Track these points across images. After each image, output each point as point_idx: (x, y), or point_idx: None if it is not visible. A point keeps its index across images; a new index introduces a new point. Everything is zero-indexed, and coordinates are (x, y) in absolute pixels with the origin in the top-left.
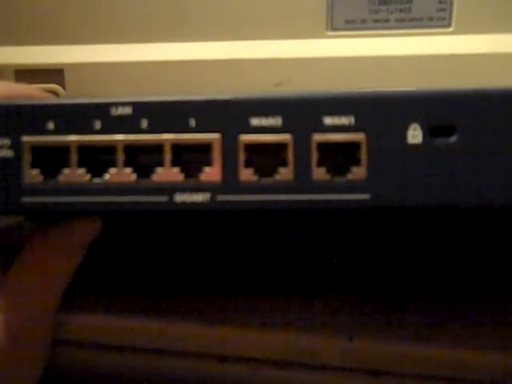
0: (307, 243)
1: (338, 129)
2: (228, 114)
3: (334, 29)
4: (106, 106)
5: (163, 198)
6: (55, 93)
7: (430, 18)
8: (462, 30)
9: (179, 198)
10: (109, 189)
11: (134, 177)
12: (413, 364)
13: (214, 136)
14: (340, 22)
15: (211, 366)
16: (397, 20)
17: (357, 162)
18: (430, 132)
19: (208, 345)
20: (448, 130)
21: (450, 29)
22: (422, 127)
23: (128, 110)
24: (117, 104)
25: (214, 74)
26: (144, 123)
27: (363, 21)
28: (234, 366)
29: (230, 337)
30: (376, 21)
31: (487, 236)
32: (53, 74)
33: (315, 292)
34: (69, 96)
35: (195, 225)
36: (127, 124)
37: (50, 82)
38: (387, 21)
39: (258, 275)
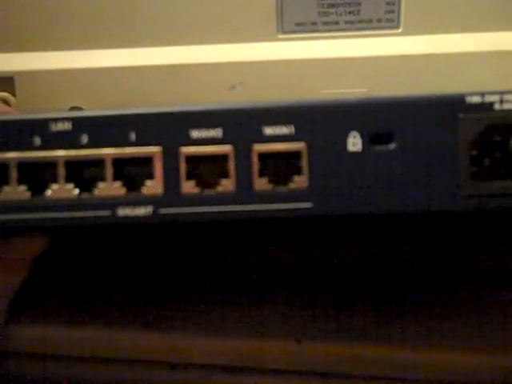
0: (254, 247)
1: (278, 138)
2: (168, 127)
3: (284, 32)
4: (46, 121)
5: (106, 213)
6: (6, 101)
7: (379, 20)
8: (410, 31)
9: (121, 212)
10: (50, 205)
11: (75, 192)
12: (362, 365)
13: (154, 149)
14: (290, 24)
15: (161, 373)
16: (346, 22)
17: (298, 171)
18: (369, 139)
19: (157, 352)
20: (387, 137)
21: (399, 30)
22: (362, 135)
23: (68, 126)
24: (56, 119)
25: (166, 80)
26: (84, 138)
27: (313, 23)
28: (183, 373)
29: (179, 343)
30: (326, 23)
31: (433, 235)
32: (2, 82)
33: (262, 295)
34: (19, 104)
35: (140, 234)
36: (67, 139)
37: (0, 90)
38: (337, 23)
39: (206, 281)
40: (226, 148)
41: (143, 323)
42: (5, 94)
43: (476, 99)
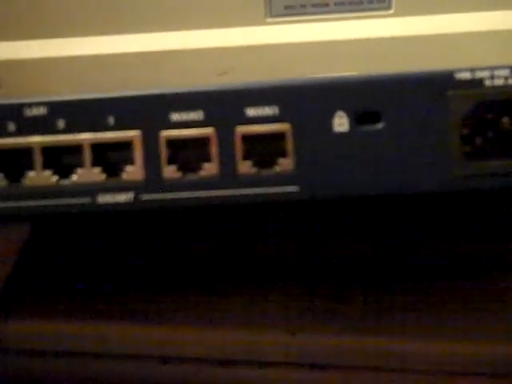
0: (247, 237)
1: (262, 120)
2: (147, 110)
3: (273, 15)
4: (20, 106)
5: (85, 200)
6: None
7: (370, 1)
8: (402, 12)
9: (101, 199)
10: (28, 193)
11: (53, 179)
12: (358, 356)
13: (134, 133)
14: (279, 8)
15: (153, 367)
16: (336, 4)
17: (283, 154)
18: (356, 119)
19: (148, 346)
20: (374, 117)
21: (391, 11)
22: (348, 115)
23: (43, 110)
24: (31, 104)
25: (153, 67)
26: (61, 123)
27: (302, 6)
28: (176, 367)
29: (170, 337)
30: (315, 5)
31: (432, 223)
32: None
33: (256, 287)
34: (4, 95)
35: (127, 224)
36: (43, 125)
37: None
38: (326, 5)
39: (198, 272)
40: (207, 131)
41: (134, 316)
42: None
43: (465, 75)
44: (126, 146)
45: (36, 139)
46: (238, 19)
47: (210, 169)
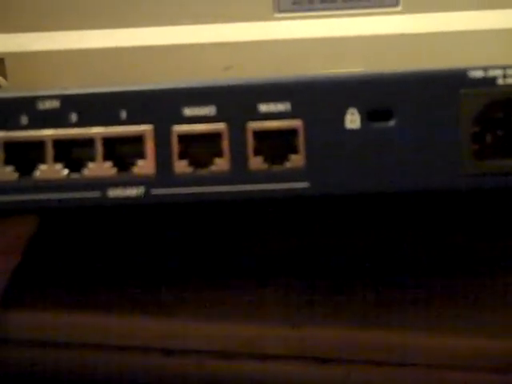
0: (251, 230)
1: (274, 116)
2: (160, 105)
3: (281, 11)
4: (33, 99)
5: (96, 194)
6: None
7: None
8: (410, 9)
9: (112, 193)
10: (39, 186)
11: (64, 173)
12: (359, 350)
13: (145, 127)
14: (287, 3)
15: (156, 360)
16: (344, 0)
17: (294, 150)
18: (368, 116)
19: (151, 339)
20: (386, 114)
21: (399, 8)
22: (360, 111)
23: (56, 104)
24: (44, 97)
25: (160, 60)
26: (73, 117)
27: (310, 1)
28: (178, 359)
29: (173, 330)
30: (323, 1)
31: (434, 219)
32: None
33: (259, 280)
34: (10, 86)
35: (132, 217)
36: (56, 118)
37: None
38: (334, 1)
39: (201, 265)
40: (219, 126)
41: (137, 308)
42: None
43: (478, 74)
44: (138, 140)
45: (48, 132)
46: (245, 14)
47: (221, 164)
